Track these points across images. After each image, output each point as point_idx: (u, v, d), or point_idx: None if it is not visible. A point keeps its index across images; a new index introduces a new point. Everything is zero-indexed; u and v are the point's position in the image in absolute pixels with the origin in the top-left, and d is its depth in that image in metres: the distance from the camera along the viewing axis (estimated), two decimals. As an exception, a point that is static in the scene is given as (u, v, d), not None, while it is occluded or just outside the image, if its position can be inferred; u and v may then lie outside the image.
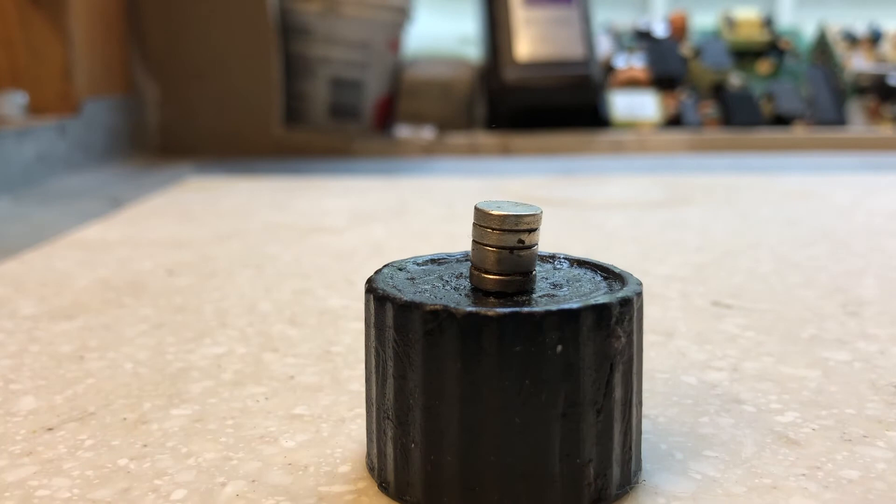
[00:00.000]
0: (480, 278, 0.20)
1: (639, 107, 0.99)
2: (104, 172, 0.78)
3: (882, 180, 0.73)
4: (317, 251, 0.46)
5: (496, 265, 0.20)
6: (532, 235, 0.20)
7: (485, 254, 0.20)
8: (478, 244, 0.20)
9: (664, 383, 0.27)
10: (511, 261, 0.20)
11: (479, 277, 0.20)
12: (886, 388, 0.26)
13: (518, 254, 0.20)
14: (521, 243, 0.20)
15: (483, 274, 0.20)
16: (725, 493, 0.20)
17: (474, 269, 0.20)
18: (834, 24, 1.11)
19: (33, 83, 0.75)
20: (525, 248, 0.20)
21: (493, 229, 0.20)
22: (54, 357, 0.29)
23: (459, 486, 0.18)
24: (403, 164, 0.86)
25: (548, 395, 0.18)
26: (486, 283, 0.20)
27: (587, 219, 0.55)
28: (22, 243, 0.48)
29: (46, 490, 0.20)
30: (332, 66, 0.93)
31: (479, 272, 0.20)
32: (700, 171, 0.80)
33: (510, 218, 0.19)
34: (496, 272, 0.20)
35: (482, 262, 0.20)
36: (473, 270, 0.20)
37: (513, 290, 0.20)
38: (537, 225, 0.20)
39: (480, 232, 0.20)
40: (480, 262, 0.20)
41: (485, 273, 0.20)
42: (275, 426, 0.24)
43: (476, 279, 0.20)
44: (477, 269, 0.20)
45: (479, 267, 0.20)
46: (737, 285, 0.38)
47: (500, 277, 0.20)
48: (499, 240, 0.19)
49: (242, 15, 0.90)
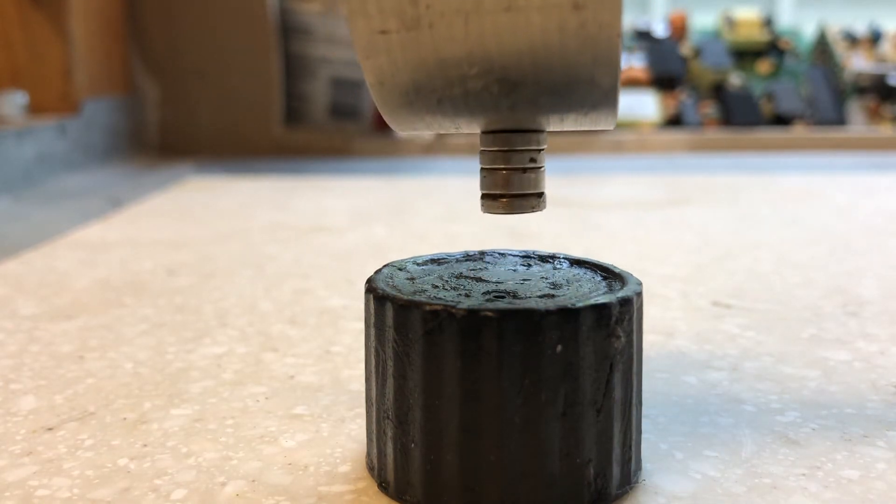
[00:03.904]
0: (493, 204, 0.20)
1: (639, 107, 0.99)
2: (104, 172, 0.78)
3: (882, 180, 0.73)
4: (317, 251, 0.46)
5: (508, 186, 0.20)
6: (541, 155, 0.20)
7: (496, 177, 0.20)
8: (488, 170, 0.20)
9: (664, 383, 0.27)
10: (523, 180, 0.20)
11: (492, 204, 0.20)
12: (886, 388, 0.26)
13: (530, 174, 0.20)
14: (533, 161, 0.20)
15: (497, 198, 0.20)
16: (725, 493, 0.20)
17: (485, 197, 0.20)
18: (834, 24, 1.11)
19: (33, 83, 0.75)
20: (536, 167, 0.20)
21: (503, 151, 0.20)
22: (54, 357, 0.29)
23: (459, 485, 0.18)
24: (403, 164, 0.86)
25: (547, 395, 0.18)
26: (498, 207, 0.20)
27: (587, 219, 0.55)
28: (22, 243, 0.48)
29: (46, 490, 0.20)
30: (332, 66, 0.93)
31: (491, 198, 0.20)
32: (700, 171, 0.80)
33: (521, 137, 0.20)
34: (510, 194, 0.20)
35: (494, 187, 0.20)
36: (484, 200, 0.20)
37: (527, 209, 0.20)
38: (545, 144, 0.20)
39: (491, 157, 0.20)
40: (492, 187, 0.20)
41: (499, 196, 0.20)
42: (275, 426, 0.24)
43: (488, 206, 0.20)
44: (489, 196, 0.20)
45: (491, 192, 0.20)
46: (737, 285, 0.38)
47: (513, 198, 0.20)
48: (510, 161, 0.20)
49: (242, 15, 0.90)
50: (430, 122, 0.19)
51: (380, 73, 0.18)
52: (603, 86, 0.18)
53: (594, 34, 0.16)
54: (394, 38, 0.17)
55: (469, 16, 0.16)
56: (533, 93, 0.18)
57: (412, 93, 0.18)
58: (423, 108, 0.19)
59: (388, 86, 0.18)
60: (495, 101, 0.18)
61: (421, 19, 0.17)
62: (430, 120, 0.19)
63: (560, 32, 0.16)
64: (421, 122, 0.19)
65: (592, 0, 0.16)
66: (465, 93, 0.18)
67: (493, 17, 0.16)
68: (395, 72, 0.18)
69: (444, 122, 0.19)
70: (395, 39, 0.17)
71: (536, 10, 0.16)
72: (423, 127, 0.20)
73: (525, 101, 0.18)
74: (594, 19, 0.16)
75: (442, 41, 0.17)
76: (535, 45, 0.17)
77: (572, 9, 0.16)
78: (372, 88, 0.18)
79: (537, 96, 0.18)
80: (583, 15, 0.16)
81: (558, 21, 0.16)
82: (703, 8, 1.31)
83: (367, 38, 0.17)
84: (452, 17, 0.16)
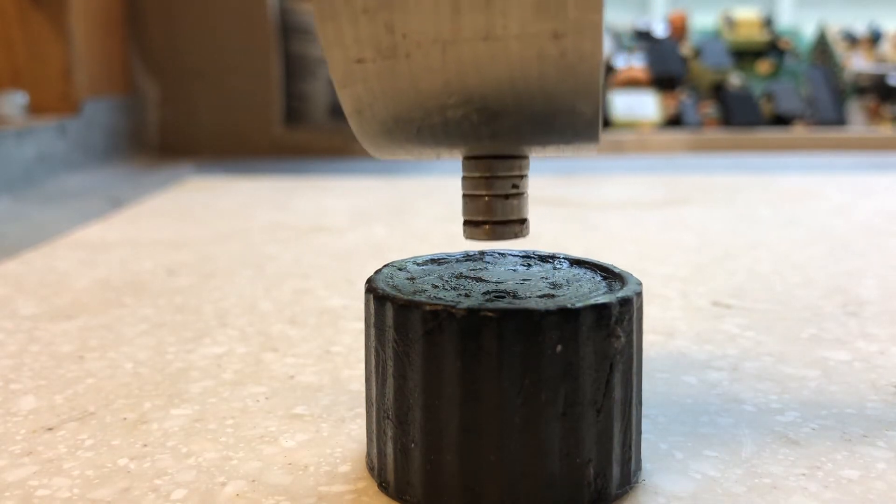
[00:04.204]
0: (475, 231, 0.20)
1: (639, 107, 0.99)
2: (104, 172, 0.78)
3: (882, 180, 0.73)
4: (317, 251, 0.46)
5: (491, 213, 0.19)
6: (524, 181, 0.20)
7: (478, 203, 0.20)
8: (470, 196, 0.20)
9: (664, 383, 0.27)
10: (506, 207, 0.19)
11: (474, 230, 0.20)
12: (886, 388, 0.26)
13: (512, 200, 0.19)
14: (516, 188, 0.19)
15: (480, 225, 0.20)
16: (725, 493, 0.20)
17: (468, 223, 0.20)
18: (834, 24, 1.11)
19: (33, 83, 0.75)
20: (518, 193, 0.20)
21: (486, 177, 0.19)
22: (54, 357, 0.29)
23: (459, 485, 0.18)
24: (403, 164, 0.86)
25: (547, 395, 0.18)
26: (481, 234, 0.20)
27: (587, 219, 0.55)
28: (22, 243, 0.48)
29: (46, 490, 0.20)
30: (332, 66, 0.93)
31: (473, 224, 0.20)
32: (700, 171, 0.80)
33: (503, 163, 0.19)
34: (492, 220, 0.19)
35: (476, 213, 0.20)
36: (467, 226, 0.20)
37: (510, 237, 0.20)
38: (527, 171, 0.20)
39: (473, 183, 0.20)
40: (475, 214, 0.20)
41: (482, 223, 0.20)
42: (275, 426, 0.24)
43: (470, 233, 0.20)
44: (472, 223, 0.20)
45: (474, 218, 0.20)
46: (737, 285, 0.38)
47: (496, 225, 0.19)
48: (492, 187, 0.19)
49: (243, 15, 0.90)
50: (409, 149, 0.19)
51: (357, 102, 0.18)
52: (585, 115, 0.17)
53: (574, 63, 0.16)
54: (370, 68, 0.17)
55: (446, 45, 0.16)
56: (514, 122, 0.18)
57: (391, 122, 0.18)
58: (402, 137, 0.18)
59: (367, 115, 0.18)
60: (475, 130, 0.18)
61: (398, 48, 0.16)
62: (409, 148, 0.19)
63: (539, 61, 0.16)
64: (401, 150, 0.19)
65: (572, 29, 0.15)
66: (444, 122, 0.18)
67: (470, 47, 0.16)
68: (373, 101, 0.17)
69: (425, 150, 0.19)
70: (371, 69, 0.17)
71: (515, 39, 0.16)
72: (403, 154, 0.20)
73: (506, 130, 0.18)
74: (574, 48, 0.16)
75: (419, 71, 0.17)
76: (515, 75, 0.16)
77: (552, 38, 0.16)
78: (350, 118, 0.18)
79: (518, 125, 0.18)
80: (562, 44, 0.16)
81: (537, 50, 0.16)
82: (703, 8, 1.31)
83: (344, 67, 0.17)
84: (429, 46, 0.16)
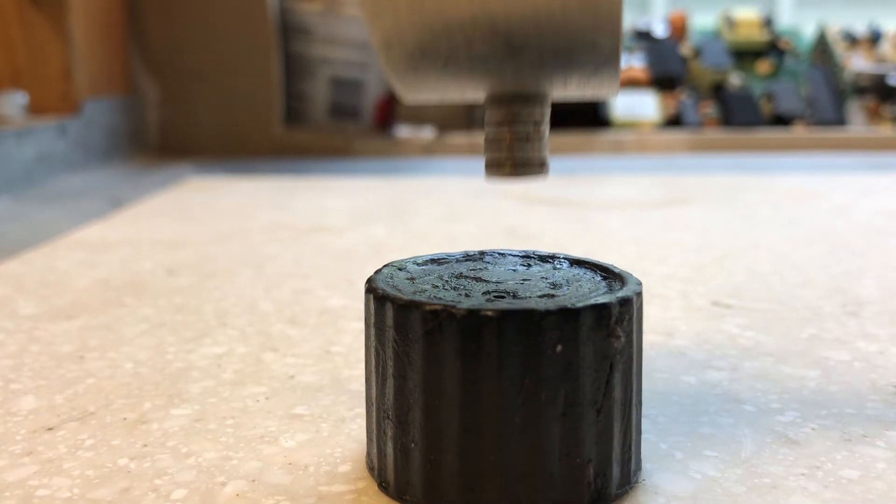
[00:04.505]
0: (496, 170, 0.20)
1: (639, 107, 0.99)
2: (104, 172, 0.78)
3: (882, 180, 0.73)
4: (317, 251, 0.46)
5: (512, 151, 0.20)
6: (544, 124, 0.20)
7: (500, 143, 0.20)
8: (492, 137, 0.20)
9: (664, 383, 0.27)
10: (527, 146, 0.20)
11: (495, 169, 0.20)
12: (886, 388, 0.26)
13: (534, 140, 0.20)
14: (537, 127, 0.20)
15: (501, 164, 0.20)
16: (725, 493, 0.20)
17: (489, 165, 0.20)
18: (834, 24, 1.11)
19: (33, 83, 0.75)
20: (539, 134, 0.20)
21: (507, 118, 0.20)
22: (54, 357, 0.29)
23: (459, 485, 0.18)
24: (403, 164, 0.86)
25: (547, 395, 0.18)
26: (501, 171, 0.20)
27: (587, 219, 0.55)
28: (22, 243, 0.48)
29: (47, 490, 0.20)
30: (332, 66, 0.93)
31: (494, 164, 0.20)
32: (700, 171, 0.80)
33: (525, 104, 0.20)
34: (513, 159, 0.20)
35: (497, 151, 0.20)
36: (488, 167, 0.21)
37: (531, 174, 0.20)
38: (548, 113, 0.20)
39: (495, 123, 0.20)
40: (496, 152, 0.20)
41: (503, 162, 0.20)
42: (275, 426, 0.24)
43: (491, 172, 0.20)
44: (493, 162, 0.20)
45: (495, 157, 0.20)
46: (737, 285, 0.38)
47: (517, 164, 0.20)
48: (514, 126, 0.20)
49: (243, 15, 0.90)
50: (436, 86, 0.20)
51: (386, 35, 0.18)
52: (605, 49, 0.18)
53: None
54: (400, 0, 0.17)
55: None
56: (536, 56, 0.18)
57: (418, 56, 0.18)
58: (429, 72, 0.19)
59: (395, 48, 0.18)
60: (499, 65, 0.18)
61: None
62: (436, 84, 0.19)
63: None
64: (427, 87, 0.20)
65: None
66: (470, 55, 0.18)
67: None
68: (401, 34, 0.18)
69: (450, 87, 0.20)
70: (401, 0, 0.17)
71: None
72: (429, 91, 0.20)
73: (528, 64, 0.18)
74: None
75: (447, 3, 0.17)
76: (539, 8, 0.17)
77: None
78: (379, 51, 0.19)
79: (540, 60, 0.18)
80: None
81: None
82: (703, 8, 1.31)
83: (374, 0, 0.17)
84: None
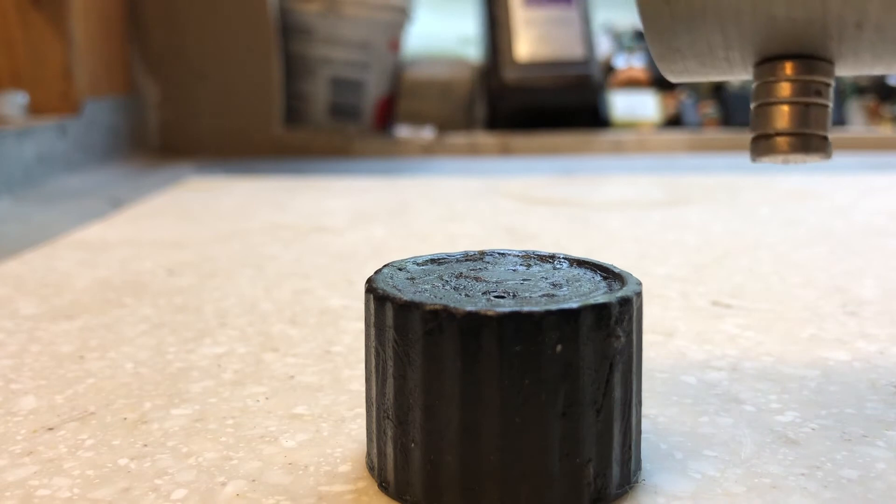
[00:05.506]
0: (766, 146, 0.17)
1: (639, 107, 0.99)
2: (104, 172, 0.78)
3: (882, 180, 0.73)
4: (317, 251, 0.46)
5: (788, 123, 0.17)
6: (829, 90, 0.17)
7: (773, 112, 0.17)
8: (763, 104, 0.17)
9: (664, 383, 0.27)
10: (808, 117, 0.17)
11: (765, 145, 0.17)
12: (886, 388, 0.26)
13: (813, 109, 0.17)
14: (819, 95, 0.17)
15: (772, 137, 0.17)
16: (725, 493, 0.20)
17: (757, 140, 0.17)
18: (834, 24, 1.10)
19: (33, 83, 0.75)
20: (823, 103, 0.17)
21: (786, 80, 0.17)
22: (55, 357, 0.29)
23: (459, 486, 0.18)
24: (403, 164, 0.86)
25: (547, 395, 0.18)
26: (773, 149, 0.17)
27: (587, 219, 0.55)
28: (22, 243, 0.48)
29: (47, 490, 0.20)
30: (332, 66, 0.93)
31: (763, 138, 0.17)
32: (700, 171, 0.80)
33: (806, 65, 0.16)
34: (788, 131, 0.17)
35: (768, 124, 0.17)
36: (755, 143, 0.17)
37: (810, 152, 0.17)
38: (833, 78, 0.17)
39: (767, 88, 0.17)
40: (766, 125, 0.17)
41: (775, 135, 0.17)
42: (275, 426, 0.24)
43: (760, 150, 0.17)
44: (762, 137, 0.17)
45: (765, 131, 0.17)
46: (737, 285, 0.38)
47: (793, 137, 0.17)
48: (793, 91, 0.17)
49: (243, 15, 0.90)
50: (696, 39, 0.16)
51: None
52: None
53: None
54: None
55: None
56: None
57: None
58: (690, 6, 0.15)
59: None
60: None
61: None
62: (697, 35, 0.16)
63: None
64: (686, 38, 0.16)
65: None
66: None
67: None
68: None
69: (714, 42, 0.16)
70: None
71: None
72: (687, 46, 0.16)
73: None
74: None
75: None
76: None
77: None
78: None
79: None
80: None
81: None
82: (703, 8, 1.30)
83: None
84: None
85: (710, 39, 0.16)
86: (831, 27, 0.16)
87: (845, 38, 0.16)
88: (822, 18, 0.16)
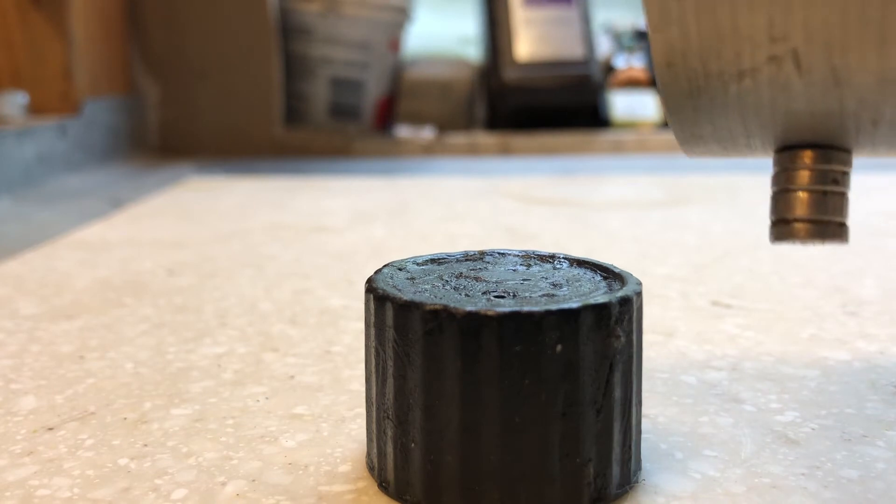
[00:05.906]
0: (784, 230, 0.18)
1: (639, 107, 0.99)
2: (104, 172, 0.78)
3: (882, 180, 0.73)
4: (317, 251, 0.46)
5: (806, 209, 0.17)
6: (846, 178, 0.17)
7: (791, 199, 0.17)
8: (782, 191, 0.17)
9: (664, 383, 0.27)
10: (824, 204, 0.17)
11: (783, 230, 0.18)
12: (886, 388, 0.26)
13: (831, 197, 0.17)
14: (836, 184, 0.17)
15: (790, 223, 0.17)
16: (725, 493, 0.20)
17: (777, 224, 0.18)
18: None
19: (33, 83, 0.75)
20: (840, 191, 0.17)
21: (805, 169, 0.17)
22: (55, 357, 0.29)
23: (459, 485, 0.18)
24: (403, 164, 0.86)
25: (547, 395, 0.18)
26: (793, 233, 0.17)
27: (587, 219, 0.55)
28: (22, 243, 0.48)
29: (47, 489, 0.20)
30: (332, 66, 0.93)
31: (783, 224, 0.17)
32: (700, 170, 0.80)
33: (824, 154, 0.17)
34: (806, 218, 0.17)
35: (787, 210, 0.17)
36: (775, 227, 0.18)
37: (828, 237, 0.17)
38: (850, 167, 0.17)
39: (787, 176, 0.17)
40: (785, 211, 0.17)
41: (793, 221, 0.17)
42: (275, 426, 0.24)
43: (779, 233, 0.18)
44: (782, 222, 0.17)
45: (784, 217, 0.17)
46: (737, 285, 0.38)
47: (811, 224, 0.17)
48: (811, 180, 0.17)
49: (243, 15, 0.90)
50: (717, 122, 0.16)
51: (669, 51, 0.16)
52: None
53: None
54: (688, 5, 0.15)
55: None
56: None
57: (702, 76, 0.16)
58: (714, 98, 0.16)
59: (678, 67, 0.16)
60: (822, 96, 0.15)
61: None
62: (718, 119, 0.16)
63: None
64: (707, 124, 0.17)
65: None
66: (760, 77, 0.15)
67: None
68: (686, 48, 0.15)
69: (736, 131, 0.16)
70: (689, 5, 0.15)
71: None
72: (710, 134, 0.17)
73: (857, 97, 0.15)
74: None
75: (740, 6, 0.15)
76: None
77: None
78: (658, 71, 0.16)
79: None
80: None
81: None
82: (703, 8, 1.30)
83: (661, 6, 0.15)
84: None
85: (732, 129, 0.17)
86: (849, 123, 0.16)
87: (862, 132, 0.17)
88: (839, 115, 0.16)
